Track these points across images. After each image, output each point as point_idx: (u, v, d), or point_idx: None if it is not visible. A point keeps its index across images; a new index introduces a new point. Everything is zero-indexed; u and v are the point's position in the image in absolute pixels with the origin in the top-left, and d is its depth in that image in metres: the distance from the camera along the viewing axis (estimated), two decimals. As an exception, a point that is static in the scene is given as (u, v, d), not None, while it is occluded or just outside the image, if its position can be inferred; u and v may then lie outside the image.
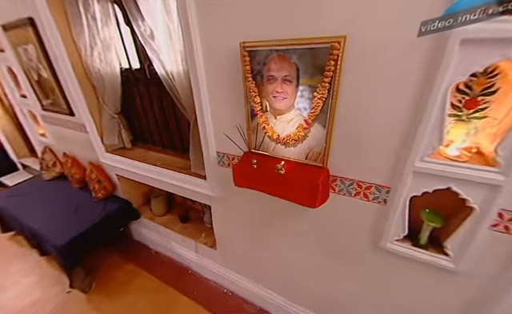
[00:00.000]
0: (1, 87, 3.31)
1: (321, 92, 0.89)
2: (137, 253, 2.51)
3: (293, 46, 0.88)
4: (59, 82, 1.93)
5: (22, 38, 1.88)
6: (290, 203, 1.13)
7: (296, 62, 0.91)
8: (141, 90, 1.85)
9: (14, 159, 3.69)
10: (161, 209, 2.45)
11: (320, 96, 0.89)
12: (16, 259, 2.49)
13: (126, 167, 2.08)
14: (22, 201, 2.47)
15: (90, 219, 2.14)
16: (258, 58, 0.99)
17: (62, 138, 2.48)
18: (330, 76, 0.85)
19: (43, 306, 2.03)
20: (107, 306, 2.01)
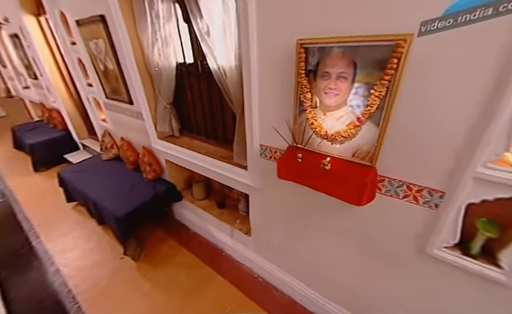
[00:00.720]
0: (69, 76, 3.82)
1: (378, 90, 0.89)
2: (178, 231, 2.76)
3: (353, 43, 0.89)
4: (123, 73, 2.18)
5: (94, 33, 2.15)
6: (333, 198, 1.15)
7: (354, 58, 0.92)
8: (192, 84, 2.00)
9: (76, 140, 4.26)
10: (200, 194, 2.64)
11: (377, 94, 0.89)
12: (77, 226, 2.91)
13: (174, 152, 2.28)
14: (84, 176, 2.86)
15: (142, 197, 2.42)
16: (314, 55, 1.02)
17: (120, 124, 2.81)
18: (390, 74, 0.84)
19: (100, 268, 2.37)
20: (153, 275, 2.27)
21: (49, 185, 3.63)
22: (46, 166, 4.05)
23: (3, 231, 2.92)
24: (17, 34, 3.84)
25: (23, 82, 5.19)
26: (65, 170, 2.98)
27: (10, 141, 4.94)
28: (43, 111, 4.65)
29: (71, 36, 2.62)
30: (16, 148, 4.70)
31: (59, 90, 3.77)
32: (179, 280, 2.21)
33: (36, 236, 2.74)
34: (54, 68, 3.66)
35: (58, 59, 3.65)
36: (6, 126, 6.10)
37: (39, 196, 3.42)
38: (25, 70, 4.61)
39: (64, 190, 3.01)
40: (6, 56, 5.13)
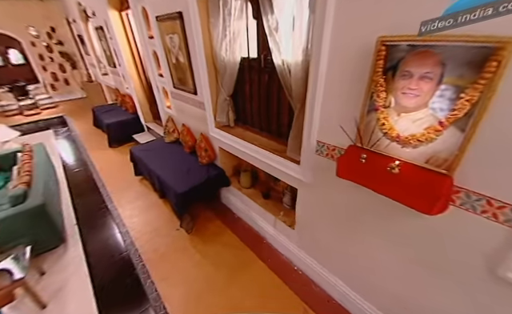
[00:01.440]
0: (141, 67, 4.36)
1: (470, 94, 0.83)
2: (223, 214, 2.98)
3: (445, 42, 0.84)
4: (191, 66, 2.42)
5: (170, 28, 2.42)
6: (395, 204, 1.12)
7: (444, 59, 0.87)
8: (252, 78, 2.11)
9: (143, 123, 4.86)
10: (247, 182, 2.79)
11: (469, 98, 0.83)
12: (142, 197, 3.37)
13: (229, 141, 2.46)
14: (151, 154, 3.27)
15: (198, 178, 2.68)
16: (396, 53, 0.99)
17: (183, 111, 3.12)
18: (487, 78, 0.78)
19: (160, 235, 2.72)
20: (202, 248, 2.52)
21: (120, 159, 4.27)
22: (118, 143, 4.76)
23: (85, 192, 3.56)
24: (102, 26, 4.48)
25: (102, 69, 6.09)
26: (135, 148, 3.46)
27: (90, 119, 5.91)
28: (117, 96, 5.43)
29: (150, 30, 2.99)
30: (95, 126, 5.60)
31: (133, 78, 4.34)
32: (225, 257, 2.41)
33: (110, 200, 3.28)
34: (130, 59, 4.22)
35: (133, 51, 4.19)
36: (86, 106, 7.30)
37: (112, 168, 4.04)
38: (105, 59, 5.39)
39: (134, 164, 3.51)
40: (90, 46, 6.06)
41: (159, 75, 3.26)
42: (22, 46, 7.00)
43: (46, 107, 7.07)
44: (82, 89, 8.11)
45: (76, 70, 7.89)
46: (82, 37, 6.18)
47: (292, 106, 1.74)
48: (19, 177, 2.60)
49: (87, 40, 5.95)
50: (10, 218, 2.14)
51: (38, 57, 7.28)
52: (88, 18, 5.17)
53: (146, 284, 2.14)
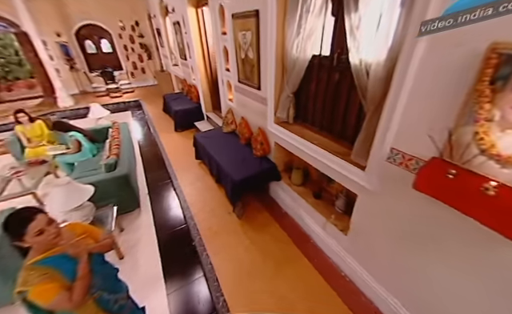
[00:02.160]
0: (208, 61, 4.73)
1: None
2: (271, 207, 3.07)
3: None
4: (259, 62, 2.53)
5: (245, 25, 2.56)
6: (485, 229, 1.00)
7: None
8: (320, 76, 2.09)
9: (204, 112, 5.30)
10: (298, 180, 2.81)
11: None
12: (201, 179, 3.71)
13: (286, 137, 2.51)
14: (211, 142, 3.58)
15: (252, 169, 2.83)
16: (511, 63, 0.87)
17: (244, 105, 3.30)
18: None
19: (214, 216, 2.97)
20: (251, 235, 2.68)
21: (183, 143, 4.79)
22: (182, 128, 5.33)
23: (154, 166, 4.12)
24: (179, 21, 4.99)
25: (174, 60, 6.82)
26: (198, 134, 3.83)
27: (160, 105, 6.73)
28: (184, 85, 6.03)
29: (223, 27, 3.21)
30: (164, 111, 6.36)
31: (200, 70, 4.76)
32: (271, 248, 2.51)
33: (175, 178, 3.72)
34: (200, 53, 4.62)
35: (203, 46, 4.57)
36: (157, 92, 8.31)
37: (177, 150, 4.56)
38: (178, 51, 6.01)
39: (195, 149, 3.90)
40: (165, 39, 6.83)
41: (226, 69, 3.50)
42: (111, 37, 8.33)
43: (126, 91, 8.32)
44: (154, 77, 9.25)
45: (151, 61, 9.02)
46: (160, 30, 7.01)
47: (364, 107, 1.67)
48: (110, 149, 3.18)
49: (163, 33, 6.72)
50: (104, 181, 2.64)
51: (123, 47, 8.57)
52: (167, 13, 5.83)
53: (203, 256, 2.41)
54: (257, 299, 2.04)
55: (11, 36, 9.04)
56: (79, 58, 8.02)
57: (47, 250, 1.05)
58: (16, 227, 0.99)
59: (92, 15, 7.73)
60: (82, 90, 8.31)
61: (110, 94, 7.90)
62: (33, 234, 0.99)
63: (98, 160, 3.51)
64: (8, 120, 6.01)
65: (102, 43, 8.39)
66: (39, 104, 7.25)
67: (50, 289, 1.00)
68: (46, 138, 3.86)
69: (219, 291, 2.07)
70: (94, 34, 8.12)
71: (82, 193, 2.10)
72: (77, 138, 3.46)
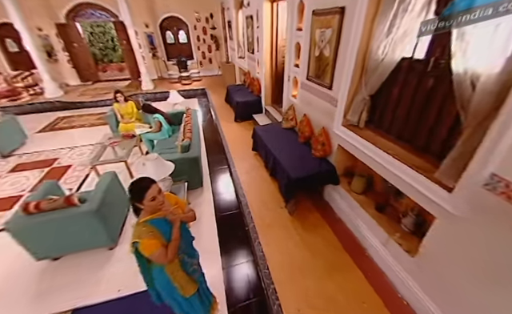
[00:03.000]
0: (275, 56, 4.81)
1: None
2: (324, 209, 3.01)
3: None
4: (335, 61, 2.45)
5: (325, 23, 2.50)
6: None
7: None
8: (408, 80, 1.90)
9: (263, 105, 5.45)
10: (359, 187, 2.67)
11: None
12: (255, 169, 3.87)
13: (354, 142, 2.39)
14: (269, 136, 3.68)
15: (310, 169, 2.81)
16: None
17: (309, 103, 3.27)
18: None
19: (266, 208, 3.07)
20: (302, 232, 2.70)
21: (242, 133, 5.07)
22: (241, 119, 5.62)
23: (215, 151, 4.51)
24: (252, 15, 5.17)
25: (240, 52, 7.14)
26: (258, 127, 4.00)
27: (222, 94, 7.20)
28: (247, 78, 6.29)
29: (300, 23, 3.21)
30: (226, 101, 6.79)
31: (266, 65, 4.88)
32: (322, 250, 2.49)
33: (233, 165, 3.99)
34: (269, 47, 4.73)
35: (273, 40, 4.65)
36: (220, 82, 8.89)
37: (236, 139, 4.86)
38: (246, 44, 6.24)
39: (253, 141, 4.09)
40: (235, 32, 7.17)
41: (295, 66, 3.50)
42: (187, 28, 9.21)
43: (195, 80, 9.17)
44: (219, 67, 9.90)
45: (218, 51, 9.66)
46: (231, 23, 7.41)
47: (461, 121, 1.47)
48: (184, 132, 3.60)
49: (234, 26, 7.07)
50: (180, 160, 3.02)
51: (196, 38, 9.40)
52: (241, 7, 6.09)
53: (255, 243, 2.56)
54: (306, 295, 2.09)
55: (110, 25, 10.97)
56: (160, 47, 9.18)
57: (153, 213, 1.31)
58: (138, 192, 1.25)
59: (173, 8, 8.68)
60: (160, 76, 9.53)
61: (181, 82, 8.83)
62: (148, 199, 1.24)
63: (173, 141, 4.03)
64: (104, 97, 7.41)
65: (180, 34, 9.37)
66: (127, 85, 8.64)
67: (153, 244, 1.25)
68: (135, 116, 4.62)
69: (269, 279, 2.19)
70: (173, 25, 9.14)
71: (166, 168, 2.48)
72: (159, 119, 4.03)
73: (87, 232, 2.34)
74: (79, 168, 4.12)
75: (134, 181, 1.31)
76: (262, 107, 5.48)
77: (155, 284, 1.47)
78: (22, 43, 7.78)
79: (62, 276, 2.36)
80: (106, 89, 8.25)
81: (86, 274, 2.38)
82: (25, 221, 2.12)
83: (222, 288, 2.20)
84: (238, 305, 2.09)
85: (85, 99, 7.30)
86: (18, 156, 4.59)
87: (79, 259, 2.49)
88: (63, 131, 5.72)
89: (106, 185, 2.54)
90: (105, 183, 2.57)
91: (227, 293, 2.18)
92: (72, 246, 2.44)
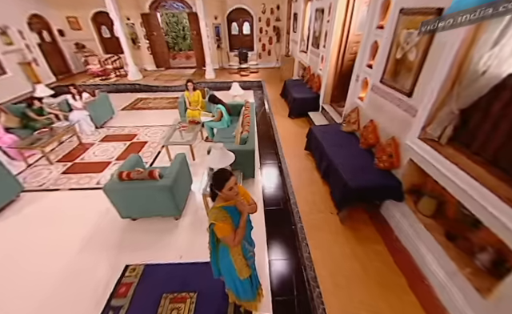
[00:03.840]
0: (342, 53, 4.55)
1: None
2: (380, 224, 2.81)
3: None
4: (421, 67, 2.20)
5: (414, 23, 2.25)
6: None
7: None
8: (516, 99, 1.60)
9: (320, 103, 5.27)
10: (427, 210, 2.39)
11: None
12: (306, 170, 3.80)
13: (431, 159, 2.13)
14: (327, 137, 3.55)
15: (371, 180, 2.64)
16: None
17: (378, 108, 3.01)
18: None
19: (316, 209, 3.04)
20: (353, 243, 2.59)
21: (295, 130, 5.04)
22: (296, 115, 5.55)
23: (266, 145, 4.61)
24: (323, 9, 4.93)
25: (302, 46, 6.96)
26: (316, 127, 3.91)
27: (278, 88, 7.21)
28: (307, 73, 6.13)
29: (382, 21, 2.97)
30: (281, 95, 6.78)
31: (330, 61, 4.67)
32: (375, 266, 2.36)
33: (284, 161, 4.02)
34: (337, 43, 4.49)
35: (343, 37, 4.40)
36: (276, 75, 8.87)
37: (289, 135, 4.85)
38: (311, 38, 5.98)
39: (307, 140, 4.02)
40: (301, 24, 6.93)
41: (368, 66, 3.27)
42: (252, 20, 9.38)
43: (252, 71, 9.39)
44: (277, 60, 9.89)
45: (278, 44, 9.63)
46: (297, 15, 7.23)
47: None
48: (243, 124, 3.78)
49: (300, 19, 6.86)
50: (238, 151, 3.17)
51: (259, 30, 9.52)
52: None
53: (303, 243, 2.59)
54: (354, 307, 2.05)
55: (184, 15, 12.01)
56: (225, 38, 9.64)
57: (227, 200, 1.47)
58: (220, 181, 1.43)
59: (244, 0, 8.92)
60: (221, 66, 10.06)
61: (240, 73, 9.16)
62: (227, 188, 1.41)
63: (231, 131, 4.30)
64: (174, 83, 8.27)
65: (244, 25, 9.64)
66: (193, 74, 9.43)
67: (225, 227, 1.42)
68: (200, 104, 5.06)
69: (315, 282, 2.21)
70: (239, 17, 9.43)
71: (228, 158, 2.68)
72: (221, 109, 4.33)
73: (160, 202, 2.74)
74: (153, 145, 4.78)
75: (218, 171, 1.48)
76: (318, 105, 5.30)
77: (219, 261, 1.66)
78: (113, 30, 9.28)
79: (138, 235, 2.86)
80: (175, 76, 9.19)
81: (156, 237, 2.82)
82: (117, 185, 2.62)
83: (267, 278, 2.33)
84: (281, 297, 2.19)
85: (158, 84, 8.29)
86: (107, 128, 5.58)
87: (151, 224, 2.96)
88: (141, 111, 6.67)
89: (179, 164, 2.92)
90: (178, 162, 2.95)
91: (272, 283, 2.30)
92: (147, 211, 2.91)
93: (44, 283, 2.38)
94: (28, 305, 2.20)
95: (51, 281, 2.39)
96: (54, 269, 2.50)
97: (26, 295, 2.29)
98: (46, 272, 2.47)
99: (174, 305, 2.12)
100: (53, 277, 2.42)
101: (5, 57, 7.01)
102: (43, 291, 2.30)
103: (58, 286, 2.36)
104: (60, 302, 2.23)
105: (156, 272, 2.42)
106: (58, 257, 2.62)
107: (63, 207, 3.34)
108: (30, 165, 4.23)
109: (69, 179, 3.86)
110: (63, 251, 2.68)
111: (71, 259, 2.61)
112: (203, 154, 4.31)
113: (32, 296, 2.27)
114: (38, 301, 2.23)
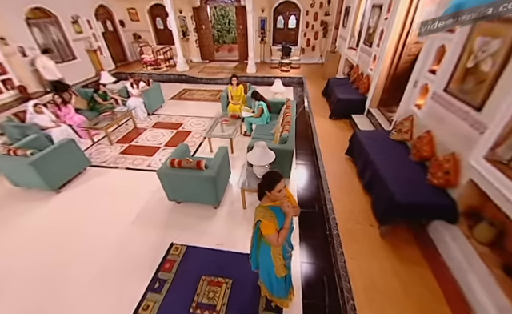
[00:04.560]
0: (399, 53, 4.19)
1: None
2: (425, 246, 2.59)
3: None
4: (497, 79, 1.94)
5: (494, 31, 1.98)
6: None
7: None
8: None
9: (366, 106, 4.95)
10: (484, 237, 2.15)
11: None
12: (346, 176, 3.64)
13: (496, 183, 1.90)
14: (373, 144, 3.33)
15: (422, 197, 2.44)
16: None
17: (439, 119, 2.73)
18: None
19: (354, 219, 2.92)
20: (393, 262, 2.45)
21: (336, 132, 4.86)
22: (337, 116, 5.32)
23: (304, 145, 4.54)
24: (382, 5, 4.55)
25: (352, 43, 6.57)
26: (360, 132, 3.72)
27: (319, 86, 6.97)
28: (354, 72, 5.80)
29: None
30: (322, 94, 6.54)
31: (384, 62, 4.35)
32: (417, 290, 2.22)
33: (322, 164, 3.92)
34: (394, 43, 4.15)
35: (401, 36, 4.05)
36: (319, 72, 8.55)
37: (328, 136, 4.69)
38: (364, 36, 5.56)
39: (350, 144, 3.85)
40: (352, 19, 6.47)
41: (430, 72, 2.97)
42: (299, 13, 9.10)
43: (293, 67, 9.22)
44: (320, 56, 9.53)
45: (324, 39, 9.24)
46: (349, 10, 6.79)
47: None
48: (283, 123, 3.78)
49: (352, 13, 6.43)
50: (277, 150, 3.21)
51: (305, 24, 9.24)
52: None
53: (338, 251, 2.55)
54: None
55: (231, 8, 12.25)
56: (270, 31, 9.59)
57: (274, 201, 1.54)
58: (270, 182, 1.50)
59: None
60: (262, 60, 10.08)
61: (280, 68, 9.07)
62: (277, 190, 1.48)
63: (270, 128, 4.35)
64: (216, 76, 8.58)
65: (290, 19, 9.43)
66: (235, 67, 9.65)
67: (270, 226, 1.49)
68: (241, 99, 5.20)
69: (350, 293, 2.17)
70: (286, 10, 9.25)
71: (269, 156, 2.75)
72: (263, 106, 4.40)
73: (203, 191, 2.96)
74: (196, 136, 5.11)
75: (269, 172, 1.56)
76: (364, 108, 5.00)
77: (259, 257, 1.76)
78: (166, 22, 9.94)
79: (181, 217, 3.14)
80: (218, 69, 9.53)
81: (196, 222, 3.06)
82: (169, 170, 2.90)
83: (298, 279, 2.37)
84: (311, 300, 2.22)
85: (202, 76, 8.71)
86: (157, 115, 6.10)
87: (193, 209, 3.22)
88: (186, 101, 7.11)
89: (222, 157, 3.09)
90: (221, 155, 3.13)
91: (303, 285, 2.33)
92: (191, 197, 3.16)
93: (105, 248, 2.78)
94: (92, 268, 2.58)
95: (111, 247, 2.79)
96: (113, 236, 2.91)
97: (91, 257, 2.69)
98: (106, 239, 2.89)
99: (210, 288, 2.31)
100: (112, 243, 2.83)
101: (75, 44, 8.08)
102: (105, 256, 2.70)
103: (118, 251, 2.74)
104: (119, 266, 2.59)
105: (196, 254, 2.65)
106: (116, 226, 3.04)
107: (120, 183, 3.82)
108: (94, 143, 4.90)
109: (125, 159, 4.37)
110: (120, 222, 3.10)
111: (126, 230, 3.00)
112: (241, 148, 4.47)
113: (96, 260, 2.66)
114: (102, 264, 2.62)
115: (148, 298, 2.25)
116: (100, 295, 2.34)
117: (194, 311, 2.14)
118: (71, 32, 7.97)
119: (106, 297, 2.32)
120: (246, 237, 2.84)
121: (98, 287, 2.42)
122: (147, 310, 2.16)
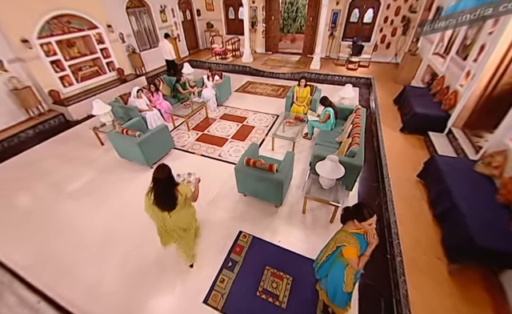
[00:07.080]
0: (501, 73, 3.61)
1: None
2: (495, 292, 2.40)
3: None
4: None
5: None
6: None
7: None
8: None
9: (449, 124, 4.41)
10: None
11: None
12: (415, 199, 3.40)
13: None
14: (453, 172, 3.07)
15: (506, 244, 2.26)
16: None
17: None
18: None
19: (420, 248, 2.83)
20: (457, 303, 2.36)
21: (406, 148, 4.51)
22: (410, 131, 4.84)
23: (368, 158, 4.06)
24: None
25: (439, 48, 5.83)
26: (441, 158, 3.45)
27: (391, 91, 6.41)
28: (437, 84, 5.17)
29: None
30: (394, 102, 5.98)
31: (480, 81, 3.79)
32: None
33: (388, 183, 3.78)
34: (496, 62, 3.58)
35: (506, 56, 3.48)
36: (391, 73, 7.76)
37: (397, 153, 4.39)
38: (458, 45, 4.85)
39: (424, 167, 3.60)
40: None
41: None
42: (379, 6, 8.30)
43: (362, 65, 8.61)
44: (395, 55, 8.65)
45: (403, 37, 8.30)
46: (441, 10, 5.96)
47: None
48: (353, 135, 3.74)
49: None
50: (345, 163, 3.27)
51: (384, 19, 8.42)
52: None
53: (400, 279, 2.58)
54: None
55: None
56: (341, 25, 9.09)
57: (359, 229, 1.73)
58: (364, 215, 1.67)
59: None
60: (327, 56, 9.69)
61: (347, 65, 8.61)
62: (368, 223, 1.65)
63: (334, 135, 4.37)
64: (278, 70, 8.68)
65: (367, 13, 8.69)
66: (296, 61, 9.56)
67: (353, 251, 1.70)
68: (306, 100, 5.28)
69: (409, 323, 2.25)
70: (364, 3, 8.55)
71: (339, 171, 2.88)
72: (329, 112, 4.42)
73: (270, 190, 3.30)
74: (258, 132, 5.46)
75: (365, 205, 1.72)
76: (444, 126, 4.49)
77: (331, 270, 1.99)
78: (237, 13, 10.35)
79: (247, 209, 3.57)
80: (280, 61, 9.60)
81: (259, 216, 3.45)
82: (243, 168, 3.30)
83: (355, 294, 2.52)
84: (366, 316, 2.37)
85: (265, 69, 8.94)
86: (225, 107, 6.66)
87: (257, 204, 3.62)
88: (249, 95, 7.49)
89: (290, 162, 3.35)
90: (289, 160, 3.39)
91: (360, 303, 2.49)
92: (257, 193, 3.55)
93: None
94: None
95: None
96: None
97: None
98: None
99: (273, 279, 2.68)
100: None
101: (159, 32, 9.15)
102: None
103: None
104: (201, 244, 3.13)
105: (260, 246, 3.04)
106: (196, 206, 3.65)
107: (198, 167, 4.46)
108: (175, 127, 5.73)
109: (200, 146, 5.04)
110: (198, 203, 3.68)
111: (204, 210, 3.57)
112: (301, 151, 4.63)
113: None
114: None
115: (223, 273, 2.75)
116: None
117: (261, 294, 2.54)
118: (158, 20, 9.08)
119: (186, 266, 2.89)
120: (303, 241, 3.13)
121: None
122: (223, 283, 2.66)
